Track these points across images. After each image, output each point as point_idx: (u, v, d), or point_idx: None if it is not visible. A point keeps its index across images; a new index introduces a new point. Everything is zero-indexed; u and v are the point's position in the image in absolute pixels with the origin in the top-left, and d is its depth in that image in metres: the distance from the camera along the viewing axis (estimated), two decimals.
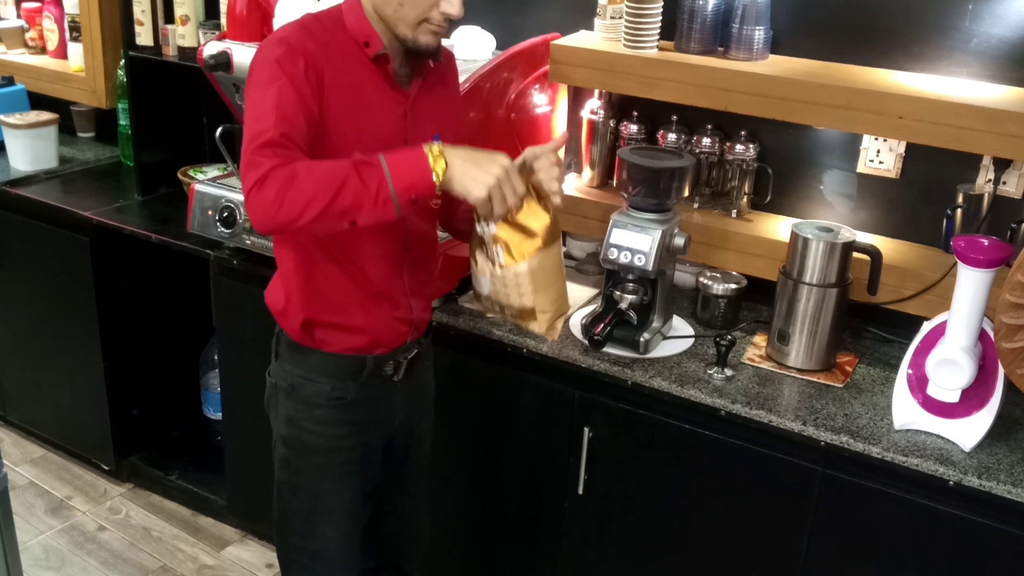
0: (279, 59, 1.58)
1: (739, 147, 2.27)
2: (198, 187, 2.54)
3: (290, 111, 1.55)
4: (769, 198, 2.30)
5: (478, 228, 1.69)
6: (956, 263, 1.79)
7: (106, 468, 3.14)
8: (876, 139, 2.18)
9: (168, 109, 2.98)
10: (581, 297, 2.33)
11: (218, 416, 2.98)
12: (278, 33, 1.65)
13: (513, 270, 1.68)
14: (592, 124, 2.44)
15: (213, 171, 2.86)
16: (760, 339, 2.17)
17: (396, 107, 1.70)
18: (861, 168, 2.23)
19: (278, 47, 1.59)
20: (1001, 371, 1.79)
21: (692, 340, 2.15)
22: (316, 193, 1.47)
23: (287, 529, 1.93)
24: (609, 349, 2.07)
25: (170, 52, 2.78)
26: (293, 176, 1.48)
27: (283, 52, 1.58)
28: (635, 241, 2.03)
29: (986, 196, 2.07)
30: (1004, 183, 2.08)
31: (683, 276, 2.38)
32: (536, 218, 1.66)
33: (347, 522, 1.89)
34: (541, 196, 1.67)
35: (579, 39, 2.36)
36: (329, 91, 1.61)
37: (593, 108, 2.44)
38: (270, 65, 1.58)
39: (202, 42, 2.65)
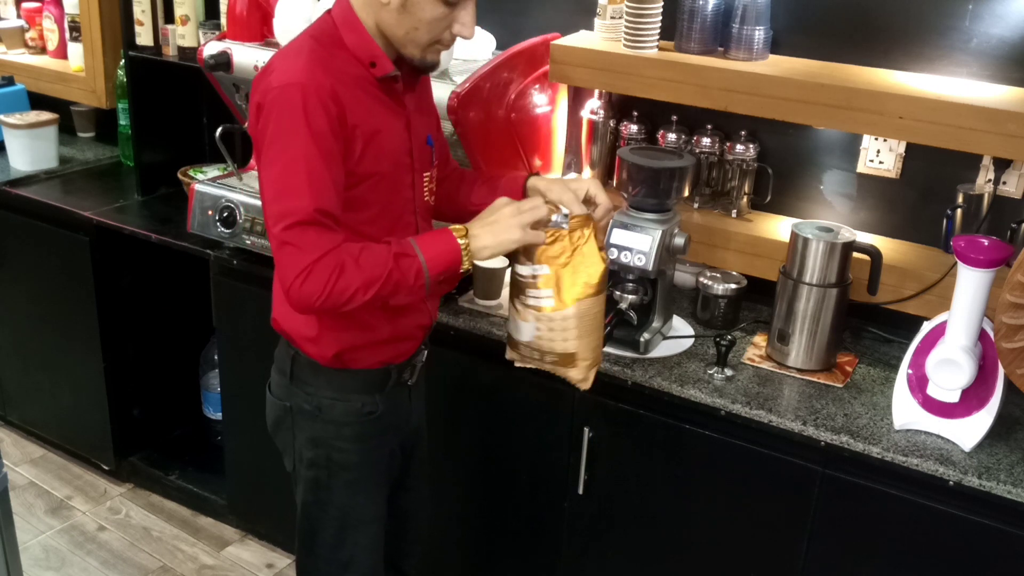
0: (300, 112, 1.50)
1: (739, 147, 2.27)
2: (198, 187, 2.54)
3: (321, 178, 1.52)
4: (769, 198, 2.30)
5: (522, 271, 1.71)
6: (956, 263, 1.79)
7: (106, 468, 3.15)
8: (876, 139, 2.18)
9: (168, 109, 2.98)
10: None
11: (218, 416, 2.98)
12: (290, 74, 1.53)
13: (561, 314, 1.69)
14: (592, 124, 2.45)
15: (213, 171, 2.86)
16: (760, 339, 2.17)
17: (400, 120, 1.67)
18: (861, 168, 2.23)
19: (295, 96, 1.50)
20: (1001, 371, 1.79)
21: (692, 340, 2.15)
22: (361, 286, 1.53)
23: (314, 542, 1.89)
24: (609, 349, 2.07)
25: (170, 52, 2.78)
26: (339, 271, 1.51)
27: (302, 102, 1.50)
28: (635, 241, 2.03)
29: (986, 196, 2.07)
30: (1004, 183, 2.08)
31: (683, 276, 2.38)
32: (591, 266, 1.68)
33: (377, 528, 1.90)
34: (600, 246, 1.70)
35: (579, 39, 2.36)
36: (350, 123, 1.55)
37: (593, 108, 2.44)
38: (292, 121, 1.50)
39: (202, 42, 2.65)
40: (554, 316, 1.70)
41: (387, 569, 2.10)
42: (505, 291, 2.15)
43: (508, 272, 1.85)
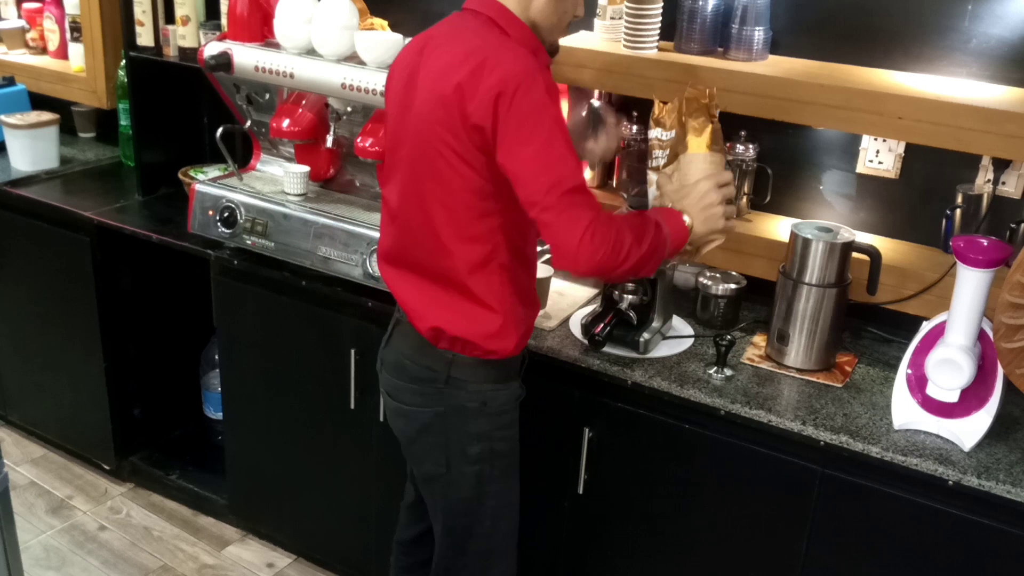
0: (545, 95, 1.59)
1: (739, 147, 2.27)
2: (199, 187, 2.55)
3: (574, 152, 1.62)
4: (769, 198, 2.31)
5: (654, 133, 1.86)
6: (955, 263, 1.79)
7: (107, 468, 3.15)
8: (875, 139, 2.18)
9: (169, 109, 2.99)
10: (581, 297, 2.33)
11: (218, 416, 2.99)
12: (520, 63, 1.60)
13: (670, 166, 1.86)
14: None
15: (214, 171, 2.86)
16: (760, 339, 2.17)
17: None
18: (860, 168, 2.24)
19: (537, 81, 1.59)
20: (1000, 371, 1.80)
21: (692, 340, 2.15)
22: (634, 242, 1.63)
23: (469, 538, 1.92)
24: (609, 349, 2.07)
25: (171, 52, 2.78)
26: (615, 227, 1.61)
27: (544, 86, 1.59)
28: None
29: (985, 196, 2.07)
30: (1003, 183, 2.08)
31: (683, 276, 2.38)
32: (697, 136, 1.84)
33: (516, 511, 1.97)
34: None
35: (579, 39, 2.36)
36: None
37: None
38: (542, 102, 1.59)
39: (203, 42, 2.65)
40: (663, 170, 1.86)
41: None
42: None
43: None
